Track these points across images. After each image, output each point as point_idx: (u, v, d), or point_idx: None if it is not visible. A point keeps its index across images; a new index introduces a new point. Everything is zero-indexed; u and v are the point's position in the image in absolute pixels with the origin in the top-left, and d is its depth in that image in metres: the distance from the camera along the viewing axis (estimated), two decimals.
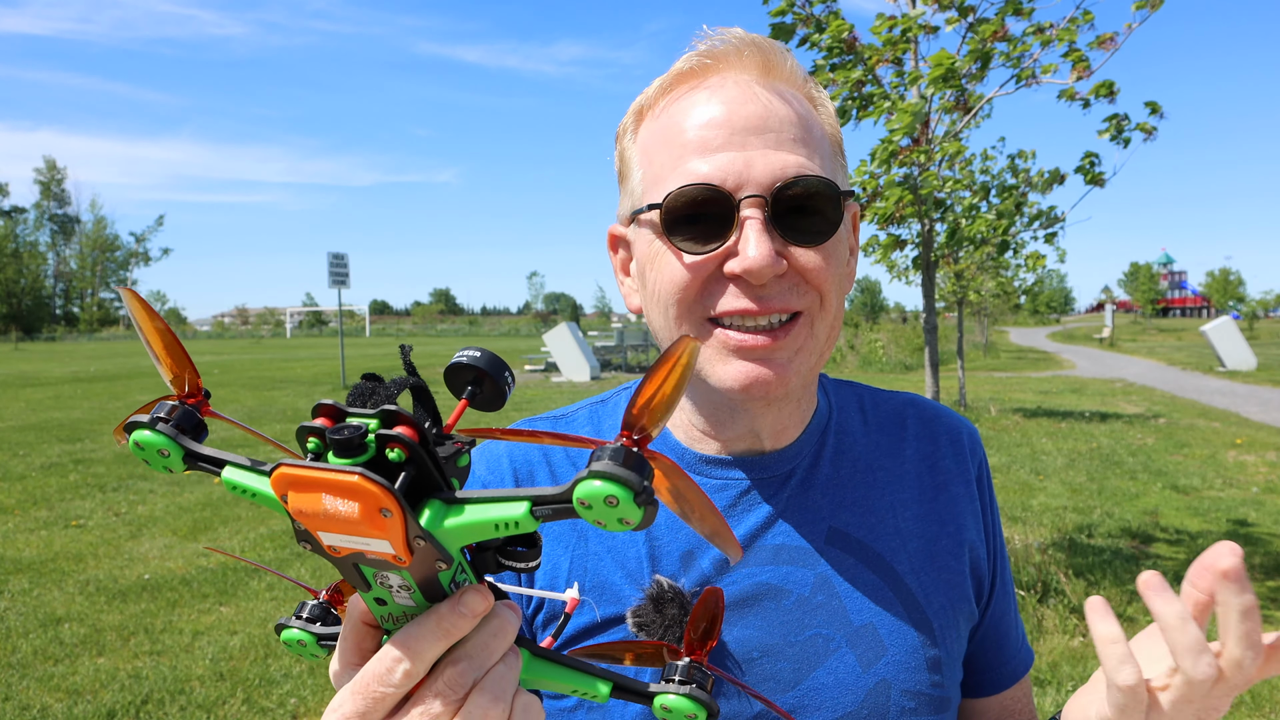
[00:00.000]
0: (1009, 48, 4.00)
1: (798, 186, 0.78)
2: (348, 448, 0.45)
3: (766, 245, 0.76)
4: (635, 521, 0.43)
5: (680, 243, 0.80)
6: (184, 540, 6.67)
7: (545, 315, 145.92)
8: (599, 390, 17.87)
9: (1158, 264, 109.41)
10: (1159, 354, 30.81)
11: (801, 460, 0.91)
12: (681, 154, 0.80)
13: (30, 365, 30.57)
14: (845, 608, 0.85)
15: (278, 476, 0.45)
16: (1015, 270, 15.10)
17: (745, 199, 0.77)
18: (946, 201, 4.51)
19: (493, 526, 0.47)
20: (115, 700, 3.97)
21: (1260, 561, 5.76)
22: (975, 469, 0.97)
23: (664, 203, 0.79)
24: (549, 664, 0.58)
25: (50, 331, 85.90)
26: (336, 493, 0.44)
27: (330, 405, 0.48)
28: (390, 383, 0.50)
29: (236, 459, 0.52)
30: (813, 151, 0.81)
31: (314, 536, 0.47)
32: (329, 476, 0.44)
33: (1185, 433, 11.54)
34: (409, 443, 0.46)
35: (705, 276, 0.80)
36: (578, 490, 0.44)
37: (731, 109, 0.80)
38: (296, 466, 0.45)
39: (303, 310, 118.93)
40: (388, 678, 0.49)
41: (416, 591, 0.50)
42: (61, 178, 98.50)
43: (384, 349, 45.90)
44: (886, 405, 1.00)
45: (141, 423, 0.52)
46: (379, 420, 0.46)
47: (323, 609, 0.65)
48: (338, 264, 19.15)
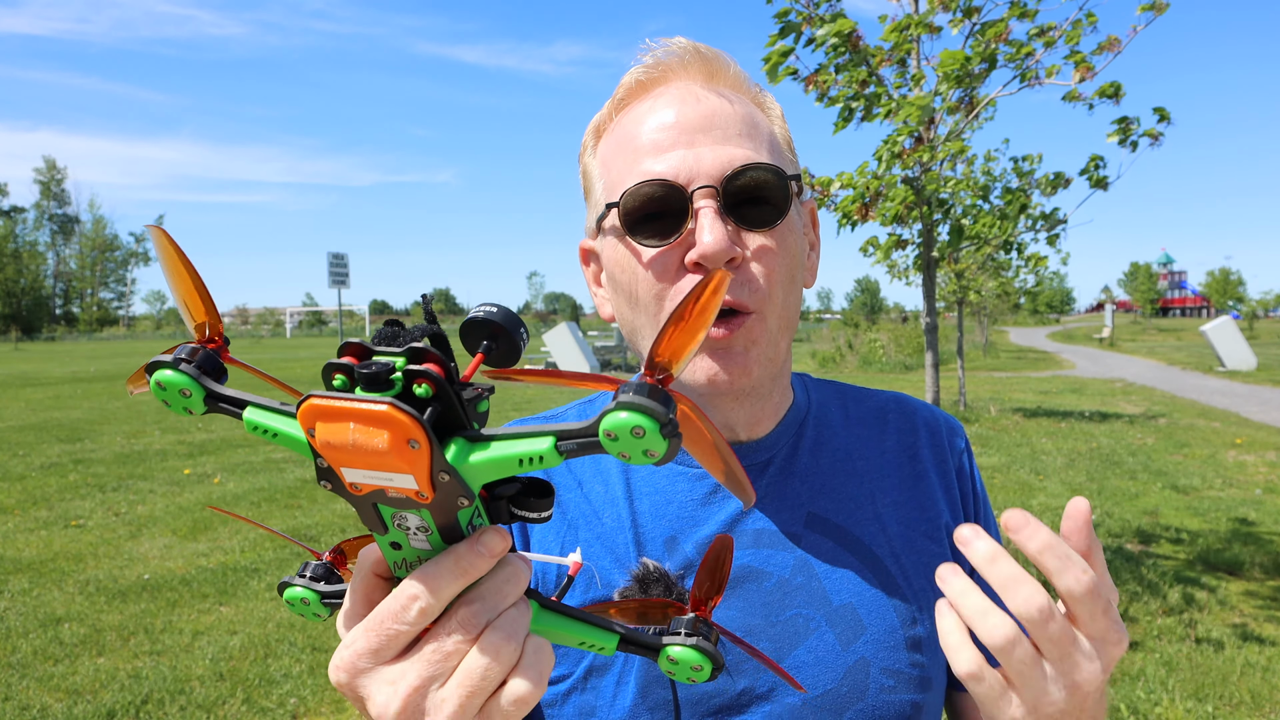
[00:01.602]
0: (1013, 50, 3.99)
1: (746, 175, 0.82)
2: (375, 381, 0.45)
3: (720, 230, 0.80)
4: (660, 453, 0.44)
5: (642, 240, 0.84)
6: (184, 540, 6.67)
7: (545, 315, 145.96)
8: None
9: (1158, 264, 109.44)
10: (1159, 354, 30.81)
11: (780, 450, 0.94)
12: (636, 158, 0.85)
13: (30, 365, 30.57)
14: (824, 589, 0.88)
15: (306, 408, 0.45)
16: (1016, 271, 15.10)
17: (697, 190, 0.82)
18: (949, 202, 4.50)
19: (517, 462, 0.47)
20: (115, 700, 3.97)
21: (1260, 561, 5.76)
22: (955, 460, 0.99)
23: (621, 201, 0.84)
24: (557, 616, 0.59)
25: (50, 331, 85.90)
26: (365, 422, 0.44)
27: (357, 343, 0.48)
28: (413, 328, 0.50)
29: (258, 399, 0.52)
30: (759, 145, 0.86)
31: (336, 473, 0.47)
32: (358, 406, 0.44)
33: (1185, 433, 11.54)
34: (436, 379, 0.46)
35: (673, 269, 0.84)
36: (604, 422, 0.44)
37: (679, 111, 0.85)
38: (326, 397, 0.45)
39: (303, 310, 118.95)
40: (403, 615, 0.50)
41: (435, 533, 0.50)
42: (61, 178, 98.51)
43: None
44: (869, 402, 1.03)
45: (164, 362, 0.52)
46: (406, 357, 0.47)
47: (326, 569, 0.65)
48: (338, 264, 19.15)
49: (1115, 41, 3.88)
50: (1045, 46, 3.94)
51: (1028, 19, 3.95)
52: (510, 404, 15.90)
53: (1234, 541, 6.23)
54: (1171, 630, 4.70)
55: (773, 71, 4.12)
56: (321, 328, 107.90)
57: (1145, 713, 3.85)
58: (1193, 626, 4.73)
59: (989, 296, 18.87)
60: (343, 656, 0.52)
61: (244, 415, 0.51)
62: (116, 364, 30.97)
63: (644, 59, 0.90)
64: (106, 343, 67.71)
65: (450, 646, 0.50)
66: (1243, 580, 5.51)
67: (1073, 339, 48.34)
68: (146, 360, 0.53)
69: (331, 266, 19.12)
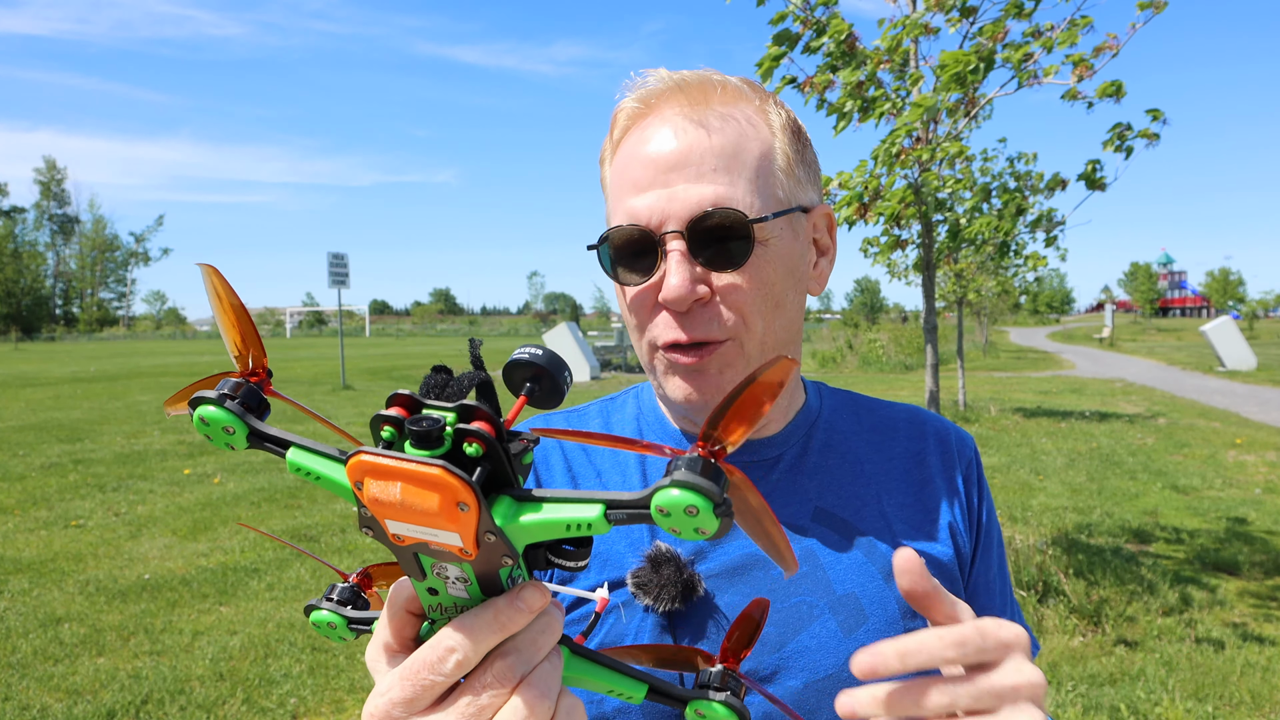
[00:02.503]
0: (1010, 50, 3.98)
1: (712, 219, 0.85)
2: (426, 439, 0.45)
3: (683, 274, 0.85)
4: (711, 531, 0.44)
5: (622, 278, 0.90)
6: (184, 540, 6.67)
7: (545, 315, 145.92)
8: (599, 390, 17.74)
9: (1157, 264, 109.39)
10: (1159, 354, 30.81)
11: (789, 448, 0.98)
12: (622, 194, 0.90)
13: (30, 365, 30.57)
14: (829, 578, 0.91)
15: (356, 464, 0.45)
16: (1016, 270, 15.10)
17: (667, 233, 0.86)
18: (947, 202, 4.50)
19: (564, 527, 0.47)
20: (115, 700, 3.97)
21: (1260, 561, 5.77)
22: (963, 468, 1.02)
23: (602, 244, 0.90)
24: (587, 663, 0.59)
25: (50, 331, 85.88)
26: (416, 483, 0.44)
27: (406, 395, 0.48)
28: (462, 376, 0.50)
29: (302, 441, 0.52)
30: (735, 178, 0.87)
31: (380, 523, 0.48)
32: (410, 468, 0.44)
33: (1185, 433, 11.54)
34: (487, 438, 0.46)
35: (648, 306, 0.90)
36: (657, 498, 0.44)
37: (656, 148, 0.88)
38: (377, 455, 0.45)
39: (303, 310, 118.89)
40: (439, 666, 0.50)
41: (474, 584, 0.50)
42: (61, 178, 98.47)
43: (384, 349, 45.91)
44: (882, 413, 1.06)
45: (208, 398, 0.52)
46: (456, 414, 0.47)
47: (352, 592, 0.66)
48: (337, 264, 19.14)
49: (1113, 39, 3.88)
50: (1044, 49, 3.93)
51: (1024, 19, 3.95)
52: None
53: (1234, 541, 6.23)
54: (1171, 630, 4.70)
55: (766, 76, 4.12)
56: (321, 327, 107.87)
57: (1145, 713, 3.85)
58: (1192, 626, 4.74)
59: (989, 296, 18.86)
60: (377, 705, 0.52)
61: (288, 456, 0.51)
62: (116, 364, 30.96)
63: (630, 92, 0.93)
64: (106, 343, 67.69)
65: (485, 700, 0.50)
66: (1242, 580, 5.51)
67: (1073, 339, 48.33)
68: (187, 383, 0.54)
69: (331, 266, 19.10)
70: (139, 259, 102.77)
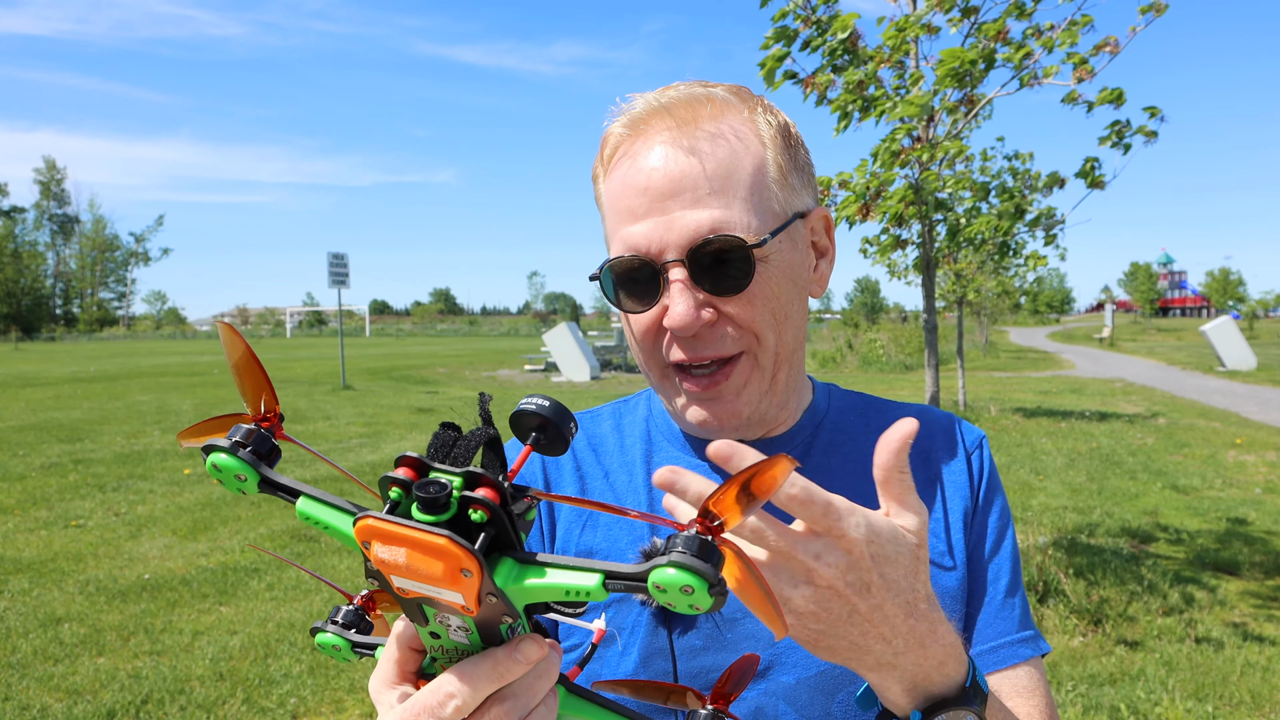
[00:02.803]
0: (1011, 50, 3.98)
1: (711, 245, 0.85)
2: (433, 505, 0.47)
3: (687, 303, 0.85)
4: (705, 608, 0.46)
5: (625, 303, 0.91)
6: (184, 540, 6.67)
7: (545, 315, 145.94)
8: (599, 390, 17.61)
9: (1157, 264, 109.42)
10: (1159, 354, 30.80)
11: (794, 448, 0.99)
12: (619, 222, 0.90)
13: (30, 365, 30.57)
14: None
15: (363, 528, 0.47)
16: (1016, 270, 15.10)
17: (668, 262, 0.86)
18: (947, 201, 4.50)
19: (564, 592, 0.49)
20: (115, 700, 3.97)
21: (1260, 561, 5.76)
22: (970, 457, 1.02)
23: (602, 273, 0.91)
24: (582, 701, 0.61)
25: (50, 331, 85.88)
26: (422, 550, 0.46)
27: (414, 458, 0.50)
28: (469, 434, 0.53)
29: (311, 491, 0.54)
30: (730, 199, 0.86)
31: (385, 577, 0.49)
32: (416, 535, 0.46)
33: (1185, 433, 11.54)
34: (491, 505, 0.48)
35: (653, 332, 0.91)
36: (654, 576, 0.46)
37: (650, 176, 0.87)
38: (384, 521, 0.47)
39: (303, 310, 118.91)
40: (439, 710, 0.53)
41: (474, 634, 0.53)
42: (61, 178, 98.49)
43: (383, 349, 45.91)
44: (892, 413, 1.05)
45: (221, 446, 0.54)
46: (462, 480, 0.49)
47: (357, 614, 0.68)
48: (338, 264, 19.14)
49: (1113, 41, 3.88)
50: (1044, 49, 3.93)
51: (1025, 18, 3.95)
52: (510, 404, 15.88)
53: (1234, 541, 6.23)
54: (1171, 630, 4.70)
55: (769, 77, 4.12)
56: (321, 327, 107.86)
57: (1145, 713, 3.85)
58: (1192, 626, 4.74)
59: (989, 296, 18.86)
60: None
61: (297, 505, 0.54)
62: (116, 364, 30.96)
63: (616, 119, 0.93)
64: (106, 343, 67.68)
65: None
66: (1242, 580, 5.51)
67: (1073, 339, 48.33)
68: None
69: (331, 266, 19.10)
70: (139, 259, 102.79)
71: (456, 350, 42.10)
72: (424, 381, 21.75)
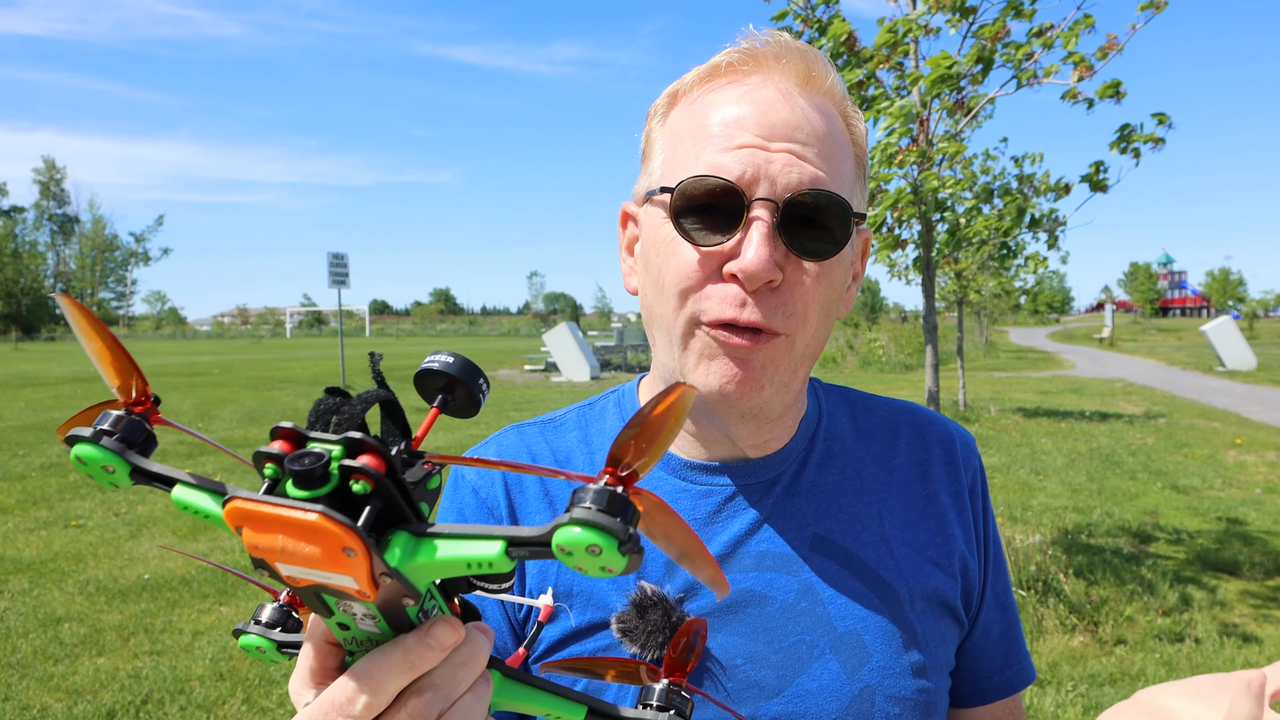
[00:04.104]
0: (1010, 50, 3.98)
1: (810, 198, 0.78)
2: (308, 479, 0.42)
3: (766, 251, 0.77)
4: (618, 569, 0.41)
5: (686, 234, 0.80)
6: (184, 540, 6.68)
7: (545, 315, 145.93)
8: (599, 390, 17.67)
9: (1157, 264, 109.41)
10: (1159, 354, 30.80)
11: (787, 467, 0.91)
12: (704, 144, 0.81)
13: (30, 365, 30.57)
14: (829, 614, 0.86)
15: (231, 511, 0.42)
16: (1016, 270, 15.10)
17: (756, 200, 0.78)
18: (947, 202, 4.50)
19: (464, 565, 0.44)
20: (115, 700, 3.97)
21: (1260, 561, 5.76)
22: (969, 478, 0.97)
23: (676, 188, 0.80)
24: (522, 685, 0.56)
25: (50, 331, 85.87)
26: (295, 533, 0.41)
27: (290, 429, 0.44)
28: (357, 398, 0.46)
29: (186, 477, 0.49)
30: (835, 170, 0.81)
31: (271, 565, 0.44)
32: (286, 514, 0.41)
33: (1185, 433, 11.54)
34: (375, 474, 0.43)
35: (707, 271, 0.80)
36: (557, 536, 0.41)
37: (761, 110, 0.80)
38: (251, 501, 0.42)
39: (302, 310, 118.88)
40: (348, 708, 0.47)
41: (382, 620, 0.48)
42: (61, 177, 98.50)
43: (384, 348, 45.79)
44: (880, 412, 1.00)
45: (83, 436, 0.48)
46: (342, 448, 0.43)
47: (283, 612, 0.63)
48: (338, 264, 19.14)
49: (1113, 40, 3.88)
50: (1044, 48, 3.93)
51: (1024, 19, 3.95)
52: (510, 403, 15.88)
53: (1233, 541, 6.23)
54: (1171, 630, 4.70)
55: None
56: (321, 327, 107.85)
57: None
58: (1192, 626, 4.73)
59: (989, 296, 18.86)
60: None
61: (172, 494, 0.49)
62: None
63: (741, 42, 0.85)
64: None
65: None
66: (1242, 580, 5.51)
67: (1073, 339, 48.33)
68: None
69: (331, 266, 19.09)
70: (139, 259, 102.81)
71: (456, 350, 42.07)
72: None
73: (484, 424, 12.95)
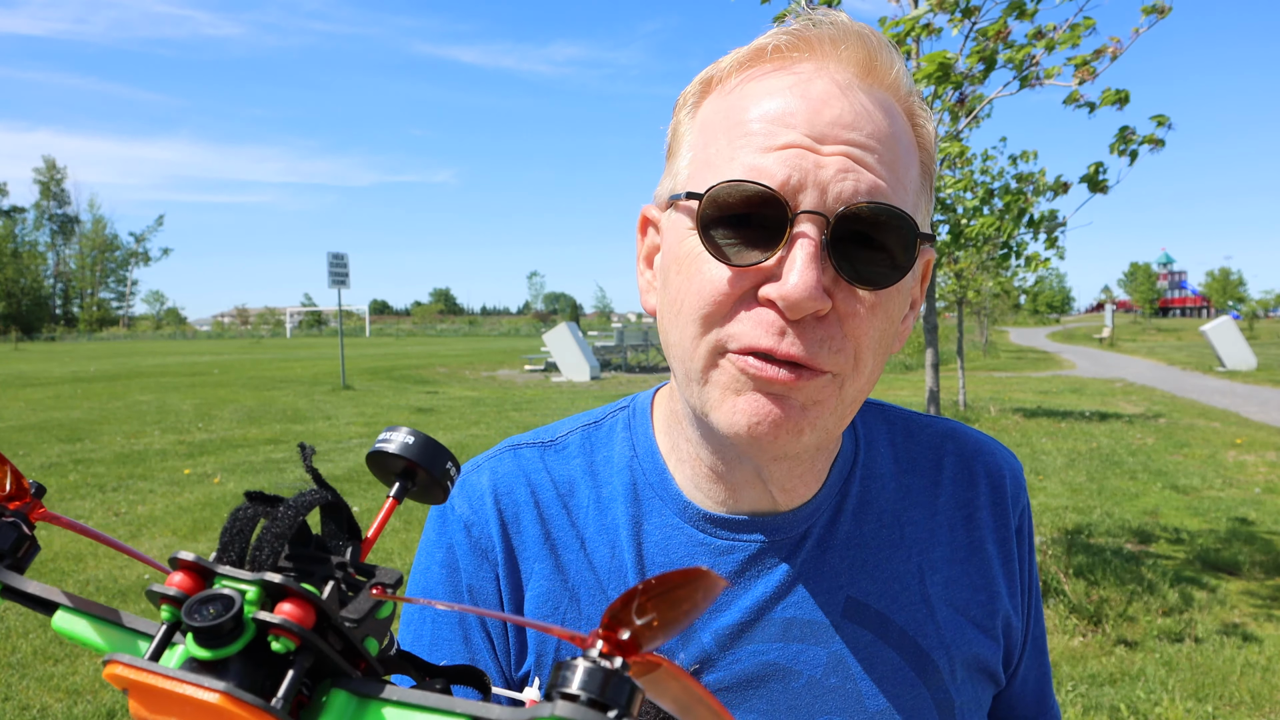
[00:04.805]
0: (1012, 51, 3.99)
1: (868, 212, 0.66)
2: (213, 636, 0.33)
3: (813, 276, 0.64)
4: None
5: (714, 245, 0.68)
6: (184, 540, 6.67)
7: (545, 315, 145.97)
8: (599, 390, 17.39)
9: (1157, 264, 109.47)
10: (1159, 354, 30.81)
11: (819, 518, 0.81)
12: (742, 143, 0.68)
13: (30, 365, 30.57)
14: (860, 691, 0.78)
15: (111, 676, 0.33)
16: (1016, 270, 15.10)
17: (802, 213, 0.65)
18: (947, 202, 4.50)
19: None
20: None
21: (1260, 561, 5.76)
22: (1016, 519, 0.88)
23: (705, 194, 0.67)
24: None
25: (50, 331, 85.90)
26: (192, 714, 0.32)
27: (192, 562, 0.36)
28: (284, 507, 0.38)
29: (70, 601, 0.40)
30: (898, 179, 0.69)
31: None
32: (180, 691, 0.32)
33: (1185, 433, 11.55)
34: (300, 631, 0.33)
35: (738, 294, 0.68)
36: None
37: (813, 105, 0.67)
38: (136, 668, 0.32)
39: (302, 310, 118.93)
40: None
41: None
42: (61, 177, 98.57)
43: (383, 349, 45.90)
44: (922, 437, 0.89)
45: None
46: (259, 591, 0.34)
47: None
48: (338, 264, 19.15)
49: (1115, 42, 3.88)
50: (1046, 50, 3.94)
51: (1026, 19, 3.95)
52: (510, 403, 15.88)
53: (1234, 541, 6.23)
54: (1171, 630, 4.70)
55: None
56: (321, 328, 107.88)
57: (1145, 713, 3.85)
58: (1192, 626, 4.74)
59: (989, 296, 18.87)
60: None
61: (53, 621, 0.40)
62: (116, 364, 30.96)
63: (793, 23, 0.72)
64: (106, 343, 67.67)
65: None
66: (1242, 580, 5.51)
67: (1073, 339, 48.34)
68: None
69: (331, 266, 19.10)
70: (139, 259, 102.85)
71: (456, 350, 42.09)
72: (424, 381, 21.74)
73: (484, 424, 12.95)
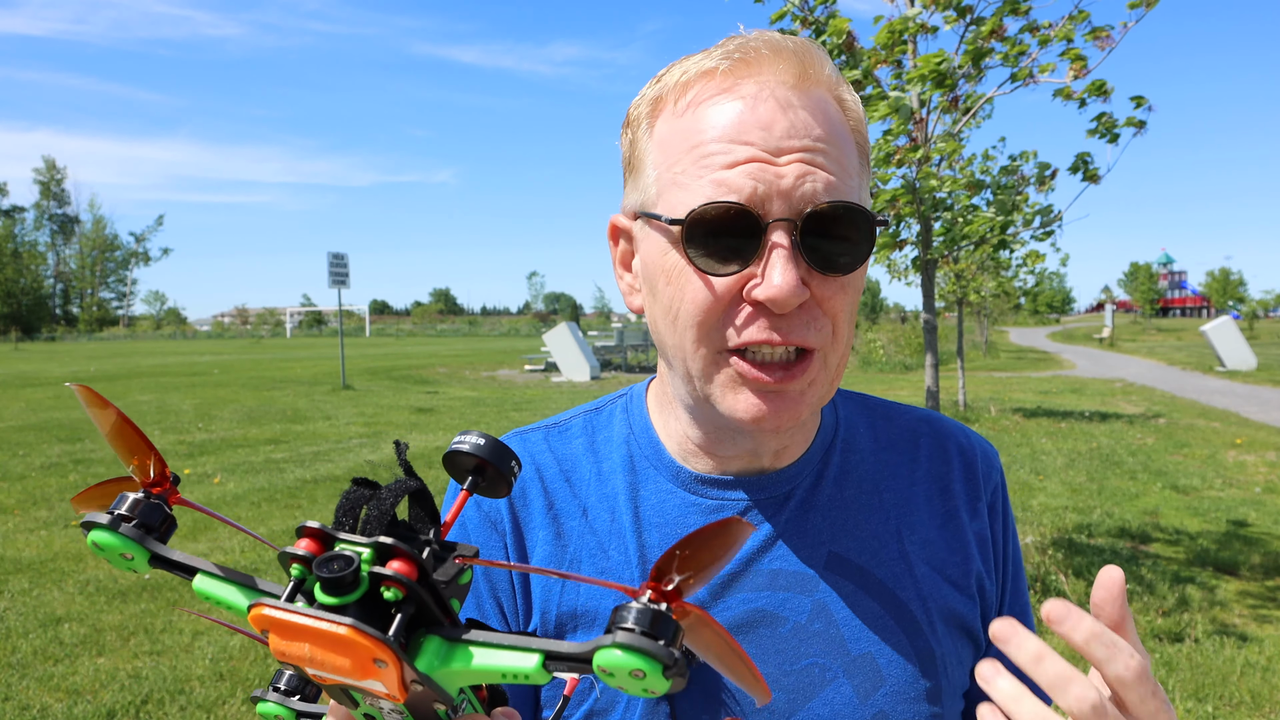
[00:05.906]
0: (1006, 47, 4.00)
1: (829, 211, 0.74)
2: (338, 586, 0.41)
3: (793, 274, 0.73)
4: (661, 692, 0.40)
5: (699, 260, 0.75)
6: (184, 540, 6.67)
7: (545, 315, 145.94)
8: (598, 390, 17.50)
9: (1157, 264, 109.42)
10: (1159, 354, 30.81)
11: (802, 480, 0.89)
12: (705, 162, 0.76)
13: (30, 365, 30.56)
14: (843, 636, 0.83)
15: (256, 617, 0.42)
16: (1015, 270, 15.11)
17: (773, 221, 0.73)
18: (946, 201, 4.50)
19: (499, 675, 0.43)
20: (115, 700, 3.97)
21: (1260, 561, 5.77)
22: (989, 494, 0.94)
23: (686, 219, 0.75)
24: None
25: (50, 331, 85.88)
26: (324, 644, 0.40)
27: (317, 529, 0.44)
28: (385, 490, 0.46)
29: (209, 567, 0.48)
30: (845, 170, 0.77)
31: None
32: (315, 626, 0.40)
33: (1185, 433, 11.55)
34: (407, 582, 0.42)
35: (728, 298, 0.76)
36: (599, 658, 0.40)
37: (763, 122, 0.75)
38: (278, 609, 0.41)
39: (302, 310, 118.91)
40: None
41: (409, 715, 0.47)
42: (61, 177, 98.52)
43: (383, 349, 45.91)
44: (899, 421, 0.97)
45: (100, 523, 0.47)
46: (372, 552, 0.43)
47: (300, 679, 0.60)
48: (338, 264, 19.15)
49: (1106, 34, 3.89)
50: (1040, 45, 3.95)
51: (1019, 15, 3.97)
52: (510, 403, 15.89)
53: (1233, 541, 6.23)
54: (1171, 630, 4.70)
55: None
56: (321, 327, 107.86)
57: None
58: (1192, 626, 4.74)
59: (988, 296, 18.87)
60: None
61: (194, 584, 0.48)
62: (116, 364, 30.96)
63: (729, 45, 0.79)
64: (106, 343, 67.68)
65: None
66: (1242, 580, 5.51)
67: (1073, 339, 48.34)
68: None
69: (331, 266, 19.10)
70: (139, 259, 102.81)
71: (456, 350, 42.09)
72: (424, 381, 21.75)
73: (484, 424, 12.95)
